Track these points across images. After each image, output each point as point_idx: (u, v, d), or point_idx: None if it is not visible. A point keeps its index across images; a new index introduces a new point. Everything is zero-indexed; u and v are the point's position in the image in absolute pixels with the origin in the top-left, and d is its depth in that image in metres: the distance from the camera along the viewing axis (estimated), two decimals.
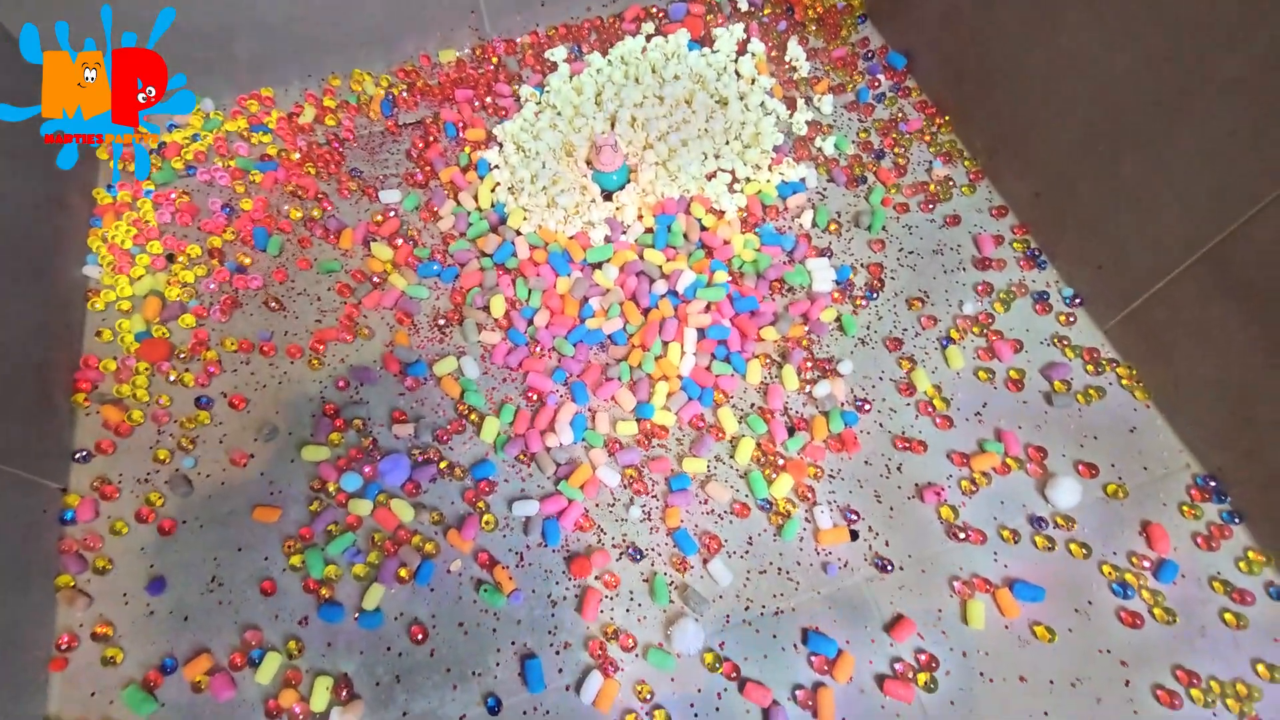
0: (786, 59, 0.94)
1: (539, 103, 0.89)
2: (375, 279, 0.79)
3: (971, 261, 0.79)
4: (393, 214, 0.84)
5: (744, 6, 0.99)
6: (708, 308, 0.74)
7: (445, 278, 0.79)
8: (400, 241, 0.81)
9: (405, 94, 0.93)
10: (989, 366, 0.72)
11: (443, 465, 0.67)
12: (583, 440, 0.69)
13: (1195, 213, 0.61)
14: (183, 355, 0.74)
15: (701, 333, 0.73)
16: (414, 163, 0.88)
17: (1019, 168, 0.80)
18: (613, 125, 0.85)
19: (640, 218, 0.80)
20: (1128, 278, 0.70)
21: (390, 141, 0.90)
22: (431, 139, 0.89)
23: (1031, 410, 0.70)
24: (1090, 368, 0.72)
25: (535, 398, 0.71)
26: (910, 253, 0.80)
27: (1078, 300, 0.75)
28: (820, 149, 0.87)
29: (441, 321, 0.76)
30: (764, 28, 0.97)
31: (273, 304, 0.77)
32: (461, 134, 0.90)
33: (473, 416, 0.70)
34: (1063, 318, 0.75)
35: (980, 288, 0.77)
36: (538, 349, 0.74)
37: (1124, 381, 0.71)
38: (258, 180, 0.86)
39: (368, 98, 0.93)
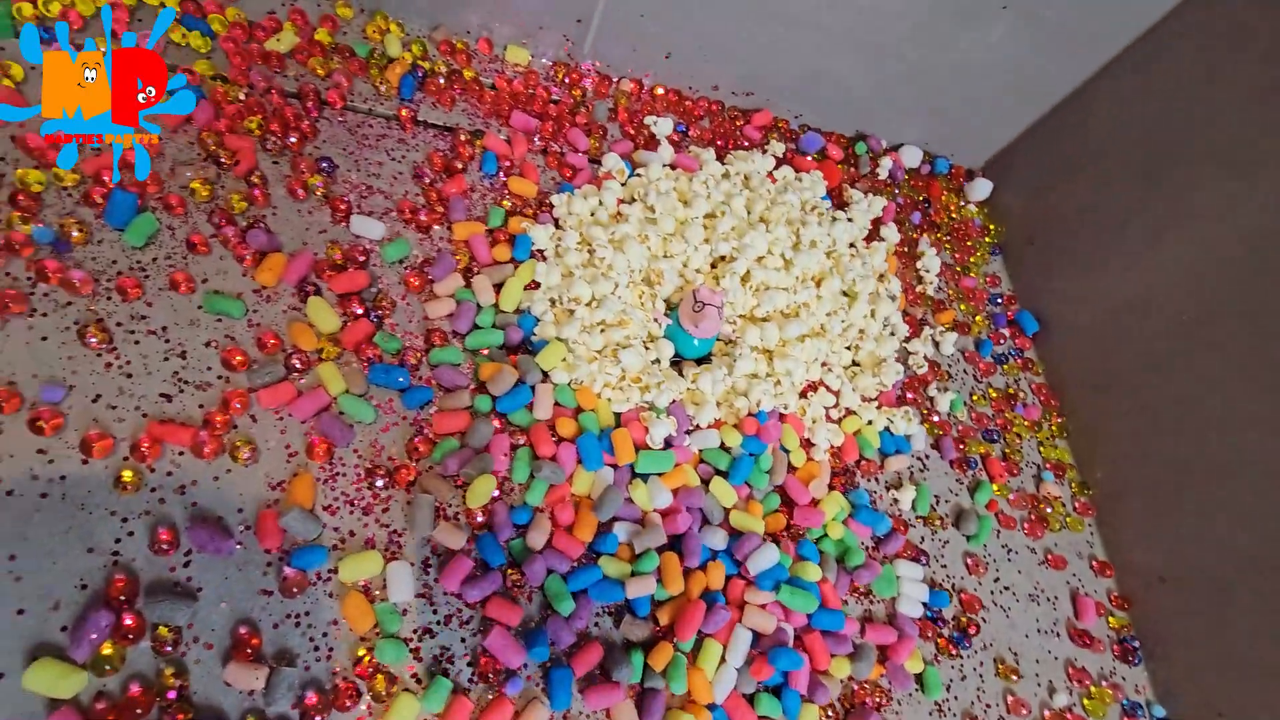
0: (918, 264, 0.76)
1: (624, 184, 0.63)
2: (297, 360, 0.47)
3: (1067, 628, 0.62)
4: (363, 258, 0.53)
5: (883, 174, 0.80)
6: (765, 604, 0.50)
7: (410, 402, 0.49)
8: (360, 311, 0.50)
9: (442, 80, 0.63)
10: None
11: None
12: None
13: None
14: None
15: (756, 639, 0.49)
16: (421, 190, 0.58)
17: (1145, 534, 0.65)
18: (714, 267, 0.61)
19: (719, 424, 0.55)
20: None
21: (395, 141, 0.59)
22: (458, 165, 0.60)
23: None
24: None
25: (490, 673, 0.43)
26: (1006, 589, 0.62)
27: None
28: (932, 400, 0.68)
29: (380, 479, 0.46)
30: (899, 210, 0.78)
31: (93, 334, 0.43)
32: (503, 175, 0.61)
33: (379, 682, 0.40)
34: None
35: (1073, 671, 0.60)
36: (518, 583, 0.46)
37: None
38: None
39: (385, 59, 0.62)
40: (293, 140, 0.55)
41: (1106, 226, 0.73)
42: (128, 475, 0.41)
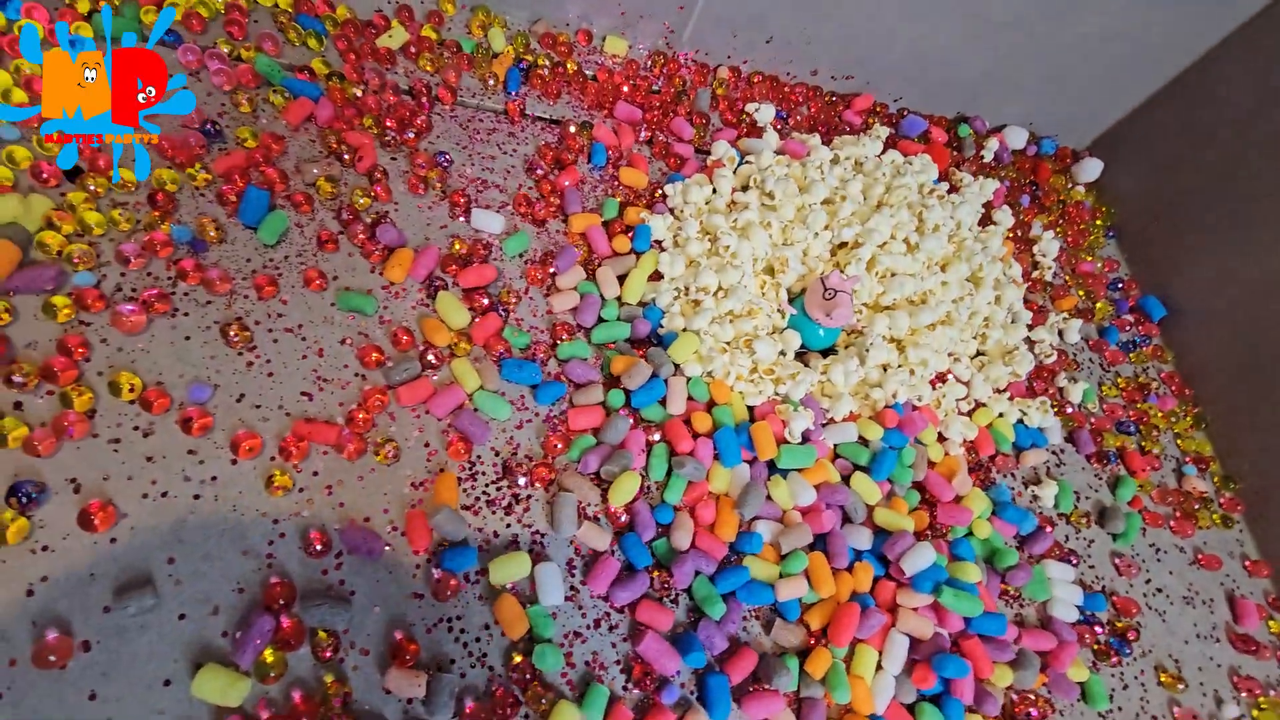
0: (1034, 249, 0.72)
1: (735, 172, 0.61)
2: (433, 356, 0.46)
3: (1226, 632, 0.58)
4: (486, 254, 0.51)
5: (988, 157, 0.76)
6: (918, 607, 0.47)
7: (543, 398, 0.47)
8: (486, 303, 0.49)
9: (546, 73, 0.61)
10: None
11: None
12: None
13: None
14: (21, 377, 0.38)
15: (914, 645, 0.46)
16: (535, 183, 0.57)
17: None
18: (834, 254, 0.58)
19: (853, 417, 0.53)
20: None
21: (506, 135, 0.58)
22: (568, 157, 0.58)
23: None
24: None
25: (645, 677, 0.41)
26: (1159, 591, 0.57)
27: None
28: (1063, 391, 0.64)
29: (522, 478, 0.44)
30: (1008, 193, 0.75)
31: (235, 334, 0.42)
32: (612, 167, 0.60)
33: (535, 690, 0.39)
34: None
35: (1239, 681, 0.55)
36: (665, 585, 0.44)
37: None
38: (280, 105, 0.52)
39: (490, 53, 0.61)
40: (409, 136, 0.54)
41: (1243, 202, 0.68)
42: (279, 476, 0.40)
